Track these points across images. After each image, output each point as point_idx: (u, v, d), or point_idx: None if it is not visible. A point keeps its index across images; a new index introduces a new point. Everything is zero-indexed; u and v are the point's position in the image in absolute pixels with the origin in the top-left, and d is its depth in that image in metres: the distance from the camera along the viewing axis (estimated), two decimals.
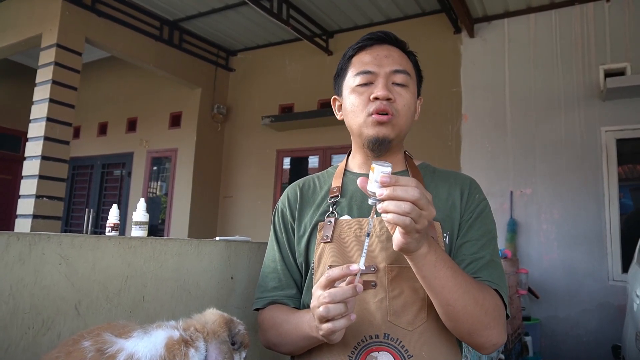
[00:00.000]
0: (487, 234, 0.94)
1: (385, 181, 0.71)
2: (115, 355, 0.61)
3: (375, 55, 0.98)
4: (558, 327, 3.95)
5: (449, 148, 4.60)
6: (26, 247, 0.77)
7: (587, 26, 4.16)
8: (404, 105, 0.96)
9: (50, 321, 0.80)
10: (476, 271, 0.89)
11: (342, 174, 1.06)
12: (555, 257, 4.03)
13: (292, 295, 1.02)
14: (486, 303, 0.83)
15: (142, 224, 1.52)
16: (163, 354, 0.63)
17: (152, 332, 0.66)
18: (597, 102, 4.02)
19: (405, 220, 0.69)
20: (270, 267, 1.05)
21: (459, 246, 0.93)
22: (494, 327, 0.84)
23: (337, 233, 0.95)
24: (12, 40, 4.75)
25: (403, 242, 0.74)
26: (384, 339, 0.86)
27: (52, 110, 4.22)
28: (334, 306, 0.73)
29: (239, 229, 5.59)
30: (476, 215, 0.96)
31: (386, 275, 0.88)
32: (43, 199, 4.13)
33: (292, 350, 0.95)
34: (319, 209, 1.01)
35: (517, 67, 4.39)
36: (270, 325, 0.98)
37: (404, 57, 1.01)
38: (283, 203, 1.09)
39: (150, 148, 6.26)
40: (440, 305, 0.82)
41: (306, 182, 1.10)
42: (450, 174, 1.04)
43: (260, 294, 1.04)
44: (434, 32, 4.81)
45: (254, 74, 6.01)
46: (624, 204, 3.94)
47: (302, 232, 1.01)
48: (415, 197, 0.69)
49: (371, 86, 0.96)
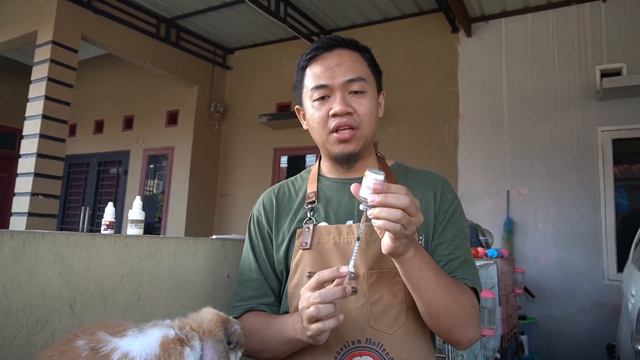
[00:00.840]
0: (460, 234, 0.97)
1: (377, 188, 0.72)
2: (110, 354, 0.60)
3: (326, 66, 0.95)
4: (554, 327, 3.97)
5: (446, 147, 4.60)
6: (20, 245, 0.76)
7: (584, 26, 4.17)
8: (365, 113, 0.95)
9: (45, 320, 0.79)
10: (452, 271, 0.93)
11: (316, 179, 1.06)
12: (551, 257, 4.04)
13: (269, 303, 1.02)
14: (465, 302, 0.87)
15: (137, 222, 1.51)
16: (158, 353, 0.63)
17: (147, 331, 0.66)
18: (593, 102, 4.04)
19: (396, 226, 0.72)
20: (246, 275, 1.04)
21: (434, 247, 0.96)
22: (470, 324, 0.88)
23: (316, 240, 0.95)
24: (8, 37, 4.71)
25: (392, 247, 0.76)
26: (366, 343, 0.88)
27: (48, 107, 4.19)
28: (325, 306, 0.75)
29: (235, 228, 5.58)
30: (449, 216, 0.98)
31: (366, 281, 0.90)
32: (38, 196, 4.10)
33: (274, 356, 0.94)
34: (297, 216, 1.01)
35: (514, 67, 4.40)
36: (250, 332, 0.96)
37: (357, 58, 0.97)
38: (259, 211, 1.08)
39: (146, 146, 6.24)
40: (423, 304, 0.85)
41: (281, 188, 1.10)
42: (423, 174, 1.05)
43: (236, 302, 1.03)
44: (432, 32, 4.81)
45: (251, 72, 5.99)
46: (620, 203, 3.96)
47: (281, 240, 1.01)
48: (405, 204, 0.72)
49: (328, 100, 0.95)
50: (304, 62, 0.99)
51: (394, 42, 4.89)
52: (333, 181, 1.04)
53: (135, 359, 0.61)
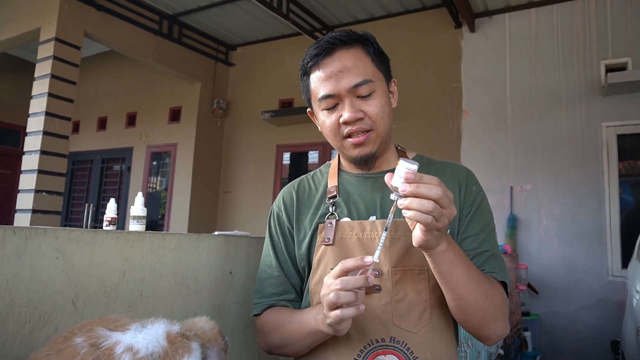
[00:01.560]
0: (486, 227, 0.95)
1: (409, 177, 0.71)
2: (113, 347, 0.59)
3: (329, 74, 0.91)
4: (557, 323, 3.96)
5: (449, 144, 4.58)
6: (22, 241, 0.76)
7: (589, 21, 4.13)
8: (377, 114, 0.91)
9: (47, 316, 0.79)
10: (480, 265, 0.91)
11: (336, 173, 1.04)
12: (555, 253, 4.03)
13: (291, 299, 1.01)
14: (495, 297, 0.85)
15: (140, 218, 1.51)
16: (165, 345, 0.62)
17: (149, 326, 0.66)
18: (598, 97, 4.01)
19: (427, 218, 0.70)
20: (266, 272, 1.03)
21: (459, 242, 0.93)
22: (500, 320, 0.87)
23: (339, 235, 0.94)
24: (11, 34, 4.72)
25: (423, 240, 0.74)
26: (390, 342, 0.87)
27: (51, 104, 4.20)
28: (345, 293, 0.74)
29: (238, 224, 5.59)
30: (475, 209, 0.96)
31: (390, 279, 0.89)
32: (42, 193, 4.12)
33: (297, 350, 0.94)
34: (318, 211, 1.00)
35: (518, 63, 4.37)
36: (273, 328, 0.96)
37: (359, 56, 0.92)
38: (279, 207, 1.06)
39: (149, 143, 6.24)
40: (454, 299, 0.84)
41: (301, 183, 1.08)
42: (446, 166, 1.02)
43: (258, 299, 1.02)
44: (435, 27, 4.78)
45: (253, 69, 5.98)
46: (624, 199, 3.93)
47: (302, 236, 1.00)
48: (438, 195, 0.69)
49: (338, 108, 0.92)
50: (306, 69, 0.96)
51: (397, 38, 4.87)
52: (354, 176, 1.02)
53: (141, 351, 0.60)
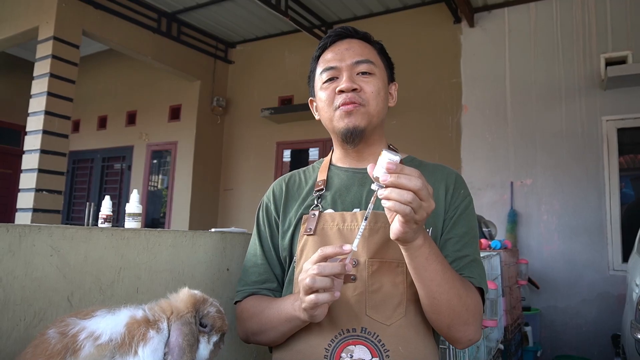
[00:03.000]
0: (470, 232, 0.96)
1: (390, 168, 0.71)
2: (77, 334, 0.61)
3: (336, 51, 1.00)
4: (558, 317, 3.96)
5: (449, 139, 4.58)
6: (16, 239, 0.76)
7: (588, 15, 4.12)
8: (372, 92, 0.97)
9: (42, 313, 0.79)
10: (459, 269, 0.91)
11: (327, 168, 1.06)
12: (555, 248, 4.02)
13: (273, 289, 1.03)
14: (468, 300, 0.85)
15: (135, 215, 1.51)
16: (123, 332, 0.63)
17: (116, 312, 0.66)
18: (598, 91, 3.99)
19: (406, 209, 0.70)
20: (251, 261, 1.06)
21: (442, 243, 0.95)
22: (472, 324, 0.86)
23: (321, 226, 0.95)
24: (9, 33, 4.72)
25: (401, 232, 0.75)
26: (362, 332, 0.87)
27: (51, 103, 4.20)
28: (321, 278, 0.75)
29: (239, 222, 5.60)
30: (460, 212, 0.97)
31: (366, 269, 0.89)
32: (43, 192, 4.13)
33: (273, 338, 0.94)
34: (304, 203, 1.02)
35: (518, 57, 4.36)
36: (251, 314, 0.98)
37: (367, 47, 1.02)
38: (268, 198, 1.09)
39: (150, 141, 6.25)
40: (426, 296, 0.84)
41: (292, 177, 1.11)
42: (436, 167, 1.04)
43: (240, 287, 1.04)
44: (434, 22, 4.77)
45: (253, 66, 5.97)
46: (625, 193, 3.93)
47: (287, 226, 1.02)
48: (417, 186, 0.70)
49: (337, 80, 0.98)
50: (318, 52, 1.05)
51: (396, 34, 4.85)
52: (343, 170, 1.04)
53: (102, 336, 0.61)
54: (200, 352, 0.70)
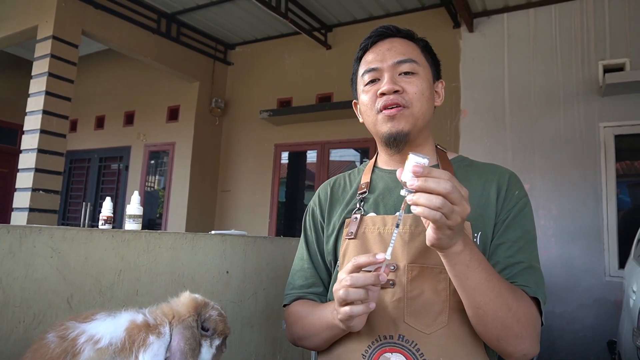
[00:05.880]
0: (526, 236, 0.88)
1: (417, 171, 0.67)
2: (76, 338, 0.60)
3: (377, 52, 0.97)
4: (554, 323, 3.97)
5: (447, 143, 4.58)
6: (16, 240, 0.75)
7: (587, 21, 4.14)
8: (415, 92, 0.93)
9: (42, 315, 0.79)
10: (512, 276, 0.84)
11: (371, 171, 1.04)
12: (552, 253, 4.03)
13: (318, 293, 1.02)
14: (520, 311, 0.78)
15: (135, 217, 1.50)
16: (124, 337, 0.63)
17: (116, 315, 0.66)
18: (596, 97, 4.01)
19: (436, 214, 0.66)
20: (298, 265, 1.06)
21: (494, 248, 0.88)
22: (526, 337, 0.79)
23: (362, 230, 0.93)
24: (8, 31, 4.70)
25: (434, 238, 0.71)
26: (399, 340, 0.83)
27: (49, 103, 4.18)
28: (354, 290, 0.73)
29: (236, 223, 5.58)
30: (514, 215, 0.90)
31: (406, 275, 0.85)
32: (39, 192, 4.11)
33: (317, 343, 0.93)
34: (348, 206, 1.01)
35: (517, 62, 4.37)
36: (296, 319, 0.98)
37: (410, 45, 0.99)
38: (314, 202, 1.09)
39: (147, 142, 6.23)
40: (470, 307, 0.78)
41: (337, 180, 1.10)
42: (487, 167, 0.99)
43: (288, 291, 1.05)
44: (433, 27, 4.78)
45: (252, 68, 5.97)
46: (622, 200, 3.94)
47: (331, 230, 1.01)
48: (447, 190, 0.66)
49: (378, 82, 0.95)
50: (359, 53, 1.01)
51: None
52: (387, 172, 1.01)
53: (102, 340, 0.61)
54: (202, 356, 0.70)
